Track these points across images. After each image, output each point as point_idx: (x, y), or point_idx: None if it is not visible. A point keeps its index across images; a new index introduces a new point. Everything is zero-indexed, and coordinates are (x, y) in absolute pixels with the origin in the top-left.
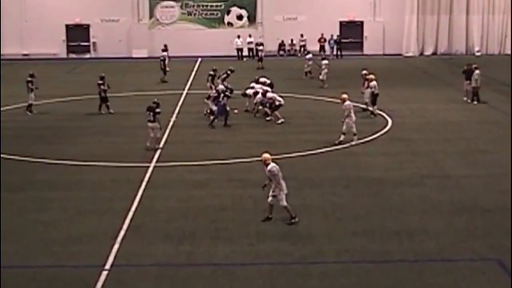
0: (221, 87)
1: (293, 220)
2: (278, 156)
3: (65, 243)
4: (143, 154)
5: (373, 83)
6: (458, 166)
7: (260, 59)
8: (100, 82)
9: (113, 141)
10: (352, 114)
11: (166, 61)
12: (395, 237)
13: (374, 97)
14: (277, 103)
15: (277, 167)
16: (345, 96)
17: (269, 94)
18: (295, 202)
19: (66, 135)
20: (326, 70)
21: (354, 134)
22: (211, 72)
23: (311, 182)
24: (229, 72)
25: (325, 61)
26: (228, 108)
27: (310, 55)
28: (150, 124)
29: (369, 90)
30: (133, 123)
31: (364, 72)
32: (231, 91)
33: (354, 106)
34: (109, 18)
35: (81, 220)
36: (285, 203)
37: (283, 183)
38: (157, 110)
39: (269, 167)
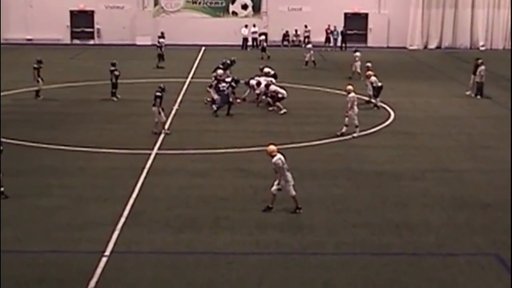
0: (227, 78)
1: (297, 210)
2: (280, 146)
3: (65, 229)
4: (145, 141)
5: (373, 78)
6: (460, 161)
7: (263, 49)
8: (113, 68)
9: (116, 128)
10: (355, 106)
11: (163, 48)
12: (395, 230)
13: (377, 89)
14: (280, 95)
15: (282, 159)
16: (350, 87)
17: (272, 87)
18: (297, 193)
19: (70, 121)
20: (359, 63)
21: (356, 126)
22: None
23: (313, 173)
24: (228, 62)
25: (358, 53)
26: (231, 98)
27: (310, 45)
28: (152, 108)
29: (370, 85)
30: (136, 110)
31: (369, 64)
32: (237, 81)
33: (358, 98)
34: (114, 5)
35: (82, 207)
36: (293, 193)
37: (289, 175)
38: (157, 93)
39: (274, 159)
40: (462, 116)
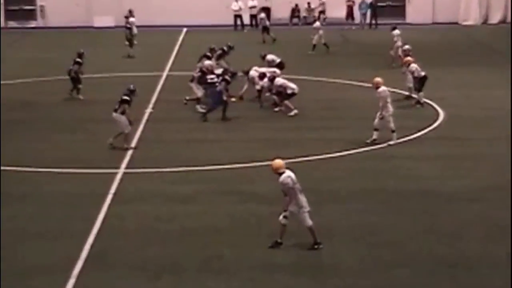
0: (216, 68)
1: (316, 246)
2: (291, 160)
3: (3, 278)
4: (109, 156)
5: (413, 66)
6: None
7: (265, 30)
8: (79, 60)
9: (70, 139)
10: (389, 105)
11: (134, 31)
12: (448, 270)
13: (420, 81)
14: (289, 91)
15: (293, 176)
16: (378, 79)
17: (278, 80)
18: (314, 222)
19: (6, 131)
20: (399, 43)
21: (393, 131)
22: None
23: (335, 195)
24: (225, 48)
25: (397, 31)
26: (225, 97)
27: (317, 23)
28: (113, 115)
29: (409, 76)
30: (96, 115)
31: (407, 47)
32: (233, 74)
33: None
34: None
35: (27, 247)
36: (309, 223)
37: (303, 198)
38: (124, 97)
39: (281, 177)
40: None
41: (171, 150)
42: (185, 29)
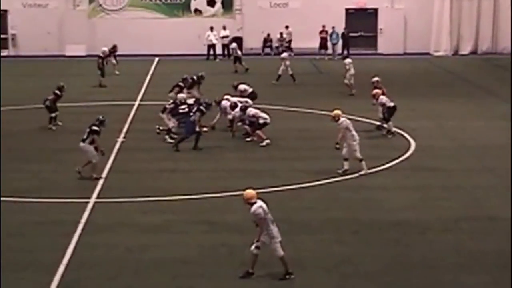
0: (182, 98)
1: (288, 276)
2: (262, 189)
3: None
4: (79, 186)
5: (382, 97)
6: (505, 205)
7: (237, 60)
8: (58, 92)
9: (38, 169)
10: (354, 133)
11: (112, 61)
12: None
13: (389, 111)
14: (261, 121)
15: (265, 207)
16: (337, 112)
17: (251, 110)
18: (286, 252)
19: None
20: (352, 71)
21: (360, 160)
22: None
23: (308, 225)
24: (195, 78)
25: (348, 60)
26: (197, 127)
27: (285, 54)
28: (80, 144)
29: (380, 107)
30: (65, 145)
31: (376, 79)
32: (208, 104)
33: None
34: (34, 2)
35: None
36: (281, 253)
37: (274, 228)
38: (93, 127)
39: (253, 208)
40: (506, 145)
41: (143, 180)
42: (157, 59)
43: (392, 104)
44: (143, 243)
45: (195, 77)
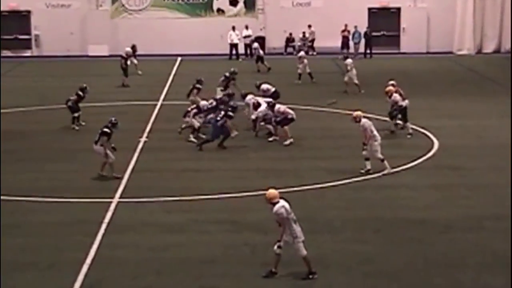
0: (214, 99)
1: (311, 276)
2: (285, 189)
3: None
4: (103, 186)
5: (395, 96)
6: None
7: (259, 59)
8: (80, 93)
9: (62, 169)
10: (376, 133)
11: (133, 61)
12: None
13: (401, 111)
14: (289, 116)
15: (287, 206)
16: (358, 113)
17: (280, 107)
18: (308, 252)
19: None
20: (354, 72)
21: (382, 160)
22: (223, 77)
23: (330, 225)
24: (228, 75)
25: (349, 60)
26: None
27: (302, 53)
28: (94, 147)
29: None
30: (88, 145)
31: (391, 82)
32: (234, 109)
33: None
34: (58, 3)
35: (18, 277)
36: (304, 252)
37: (297, 228)
38: (104, 129)
39: (275, 207)
40: None
41: (165, 180)
42: (179, 58)
43: (404, 104)
44: (166, 243)
45: (227, 74)
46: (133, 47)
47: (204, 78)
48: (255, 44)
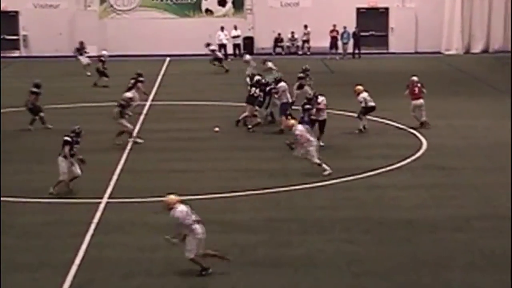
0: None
1: (204, 272)
2: (274, 189)
3: None
4: (91, 186)
5: (364, 94)
6: None
7: (218, 60)
8: (35, 90)
9: (50, 169)
10: (312, 138)
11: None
12: None
13: (367, 110)
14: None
15: (186, 210)
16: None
17: (324, 100)
18: (297, 252)
19: None
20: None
21: (319, 165)
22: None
23: (319, 225)
24: (302, 75)
25: (269, 64)
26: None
27: (248, 57)
28: (58, 158)
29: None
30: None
31: (414, 78)
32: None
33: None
34: (46, 3)
35: (7, 278)
36: (191, 256)
37: (198, 227)
38: (65, 138)
39: (172, 212)
40: None
41: (154, 180)
42: (168, 59)
43: (372, 104)
44: (155, 243)
45: (302, 75)
46: (81, 43)
47: (192, 78)
48: (212, 46)
